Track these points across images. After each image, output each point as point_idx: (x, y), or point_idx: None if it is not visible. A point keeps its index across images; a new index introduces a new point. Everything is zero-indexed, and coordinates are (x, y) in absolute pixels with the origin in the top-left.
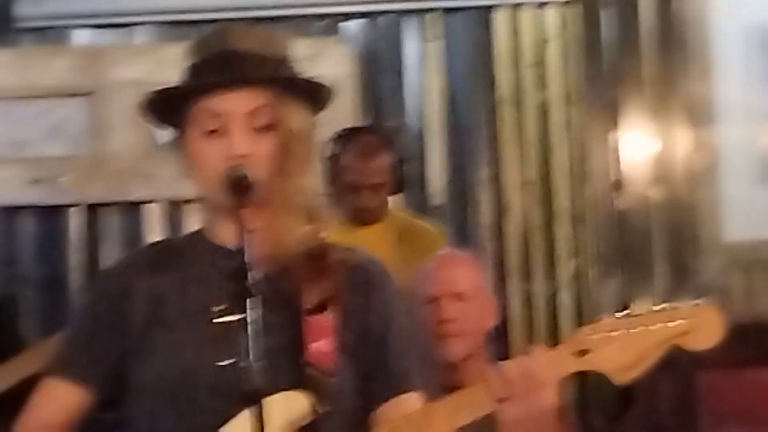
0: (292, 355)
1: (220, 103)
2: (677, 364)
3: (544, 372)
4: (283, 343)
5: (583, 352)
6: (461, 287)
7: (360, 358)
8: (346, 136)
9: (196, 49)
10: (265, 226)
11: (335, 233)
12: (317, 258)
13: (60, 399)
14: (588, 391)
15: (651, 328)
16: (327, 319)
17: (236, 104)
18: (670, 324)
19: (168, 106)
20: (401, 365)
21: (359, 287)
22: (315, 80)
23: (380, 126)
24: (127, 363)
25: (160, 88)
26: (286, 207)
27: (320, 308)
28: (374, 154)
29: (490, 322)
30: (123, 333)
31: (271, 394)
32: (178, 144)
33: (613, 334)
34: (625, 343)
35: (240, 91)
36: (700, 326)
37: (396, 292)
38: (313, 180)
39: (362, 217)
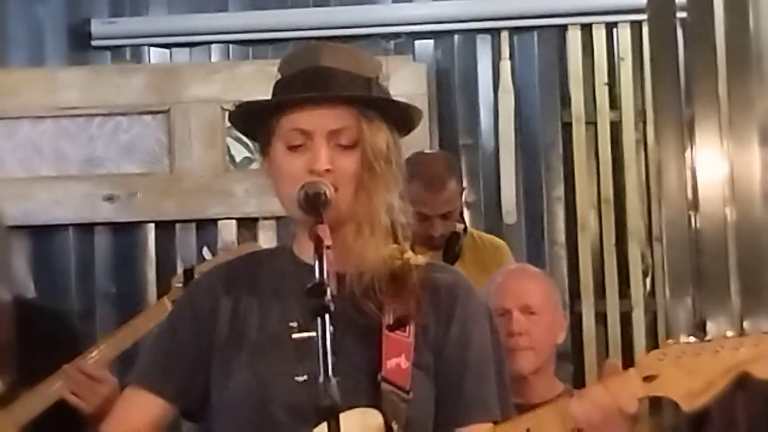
0: (368, 372)
1: (305, 119)
2: (753, 383)
3: (616, 402)
4: (360, 359)
5: (651, 378)
6: (532, 300)
7: (437, 378)
8: (413, 164)
9: (285, 64)
10: (346, 244)
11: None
12: (400, 277)
13: (141, 409)
14: (662, 410)
15: (719, 354)
16: (406, 336)
17: (321, 121)
18: (738, 351)
19: (255, 120)
20: (479, 392)
21: (442, 306)
22: (401, 102)
23: (445, 152)
24: (208, 376)
25: (247, 101)
26: (368, 225)
27: (400, 325)
28: (443, 184)
29: (560, 336)
30: (205, 347)
31: (346, 410)
32: (263, 156)
33: (681, 359)
34: (692, 369)
35: (326, 108)
36: None
37: (481, 314)
38: (397, 200)
39: (431, 244)
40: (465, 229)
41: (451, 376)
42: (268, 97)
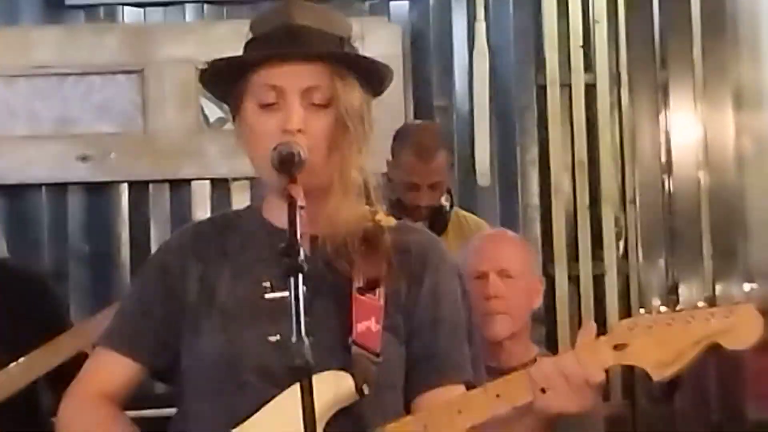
0: (339, 335)
1: (278, 75)
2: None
3: (586, 370)
4: (330, 322)
5: (621, 346)
6: (509, 264)
7: (409, 339)
8: (404, 133)
9: (257, 23)
10: (319, 205)
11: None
12: (371, 238)
13: (110, 370)
14: (634, 373)
15: (690, 325)
16: (377, 299)
17: (295, 78)
18: (709, 322)
19: (226, 78)
20: (449, 354)
21: (413, 267)
22: (375, 60)
23: (436, 123)
24: (179, 339)
25: (219, 58)
26: (341, 185)
27: (370, 287)
28: (433, 154)
29: (536, 302)
30: (176, 310)
31: (316, 372)
32: (234, 117)
33: (652, 329)
34: (663, 339)
35: (299, 65)
36: (739, 325)
37: (452, 275)
38: (369, 160)
39: (417, 215)
40: (451, 205)
41: (422, 337)
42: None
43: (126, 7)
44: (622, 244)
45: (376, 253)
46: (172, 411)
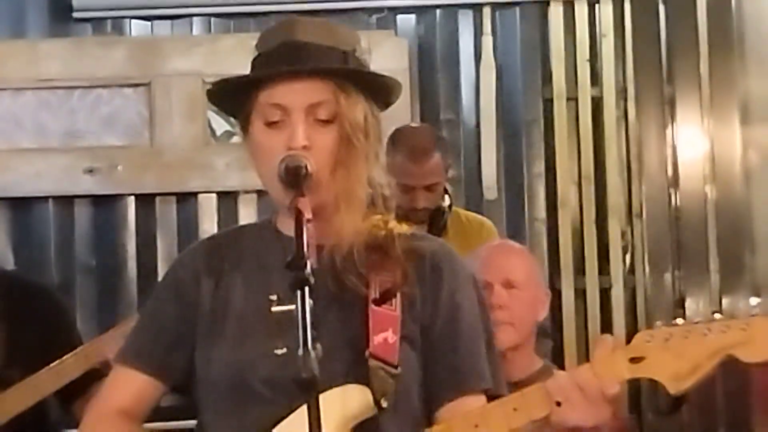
0: (353, 347)
1: (282, 93)
2: (731, 360)
3: (601, 382)
4: (345, 335)
5: (638, 359)
6: (514, 275)
7: (428, 351)
8: (398, 136)
9: (262, 40)
10: (325, 218)
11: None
12: (384, 248)
13: (127, 386)
14: (641, 386)
15: (707, 337)
16: (393, 309)
17: (298, 96)
18: (725, 334)
19: (233, 96)
20: (470, 364)
21: (428, 277)
22: (378, 74)
23: (430, 125)
24: (193, 352)
25: (225, 77)
26: (348, 198)
27: (386, 298)
28: (427, 155)
29: (541, 313)
30: (189, 324)
31: (333, 386)
32: (243, 133)
33: (669, 341)
34: (680, 352)
35: (302, 83)
36: (756, 338)
37: (468, 282)
38: (378, 172)
39: (415, 217)
40: (450, 206)
41: (442, 347)
42: (248, 71)
43: (133, 20)
44: (628, 257)
45: (389, 261)
46: (179, 424)
